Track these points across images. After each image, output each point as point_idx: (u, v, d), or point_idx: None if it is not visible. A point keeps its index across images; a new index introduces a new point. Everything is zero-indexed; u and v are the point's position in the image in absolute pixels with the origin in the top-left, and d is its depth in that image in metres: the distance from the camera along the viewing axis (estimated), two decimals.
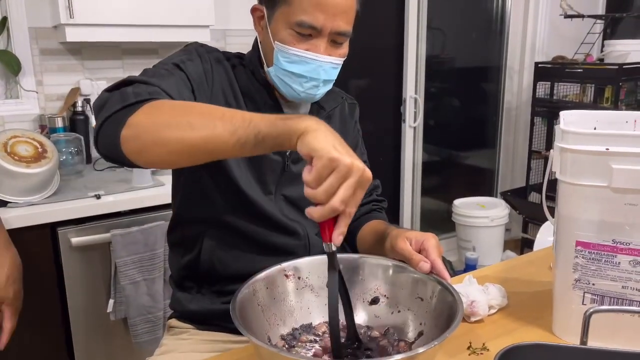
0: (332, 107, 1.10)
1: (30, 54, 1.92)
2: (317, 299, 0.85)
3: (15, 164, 1.47)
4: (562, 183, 0.81)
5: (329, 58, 0.94)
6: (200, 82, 0.93)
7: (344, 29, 0.94)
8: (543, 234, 1.67)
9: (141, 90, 0.77)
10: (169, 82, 0.84)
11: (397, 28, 2.85)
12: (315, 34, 0.92)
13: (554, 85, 2.90)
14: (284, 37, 0.93)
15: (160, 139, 0.70)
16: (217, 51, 1.02)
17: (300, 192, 1.03)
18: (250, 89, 1.01)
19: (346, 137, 1.13)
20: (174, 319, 1.10)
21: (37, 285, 1.54)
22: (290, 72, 0.94)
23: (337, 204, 0.63)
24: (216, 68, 0.98)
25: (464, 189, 3.27)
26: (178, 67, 0.91)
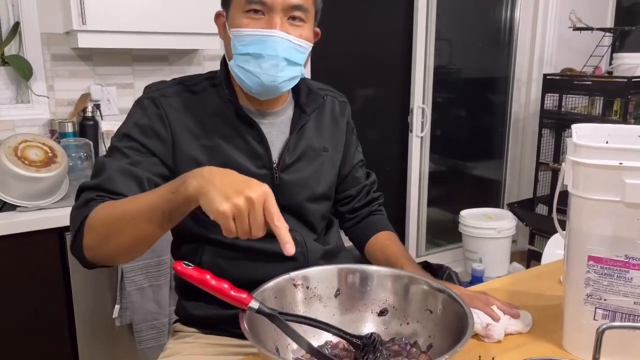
0: (314, 109, 1.08)
1: (41, 59, 1.93)
2: (325, 309, 0.85)
3: (25, 169, 1.48)
4: (573, 197, 0.80)
5: (285, 34, 0.92)
6: (155, 136, 0.94)
7: (297, 1, 0.92)
8: (551, 247, 1.66)
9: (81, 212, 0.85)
10: (115, 181, 0.89)
11: (406, 38, 2.86)
12: (268, 11, 0.91)
13: (563, 97, 2.89)
14: (238, 22, 0.93)
15: (109, 250, 0.83)
16: (175, 84, 1.00)
17: (295, 200, 1.04)
18: (223, 110, 1.00)
19: (339, 137, 1.14)
20: (179, 324, 1.10)
21: (44, 289, 1.54)
22: (246, 54, 0.92)
23: (259, 234, 0.72)
24: (169, 109, 0.96)
25: (470, 200, 3.26)
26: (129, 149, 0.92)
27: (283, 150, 1.03)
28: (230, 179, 0.72)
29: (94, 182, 0.89)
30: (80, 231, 0.84)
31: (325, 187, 1.11)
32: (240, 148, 0.99)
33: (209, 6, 1.91)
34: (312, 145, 1.08)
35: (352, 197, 1.21)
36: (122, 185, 0.88)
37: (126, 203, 0.82)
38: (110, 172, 0.89)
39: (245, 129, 1.00)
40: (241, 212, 0.69)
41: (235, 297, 0.71)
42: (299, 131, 1.05)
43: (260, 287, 0.79)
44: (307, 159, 1.07)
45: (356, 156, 1.21)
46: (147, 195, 0.80)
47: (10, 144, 1.51)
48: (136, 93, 2.12)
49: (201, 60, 2.24)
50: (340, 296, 0.85)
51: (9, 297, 1.50)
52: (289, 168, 1.04)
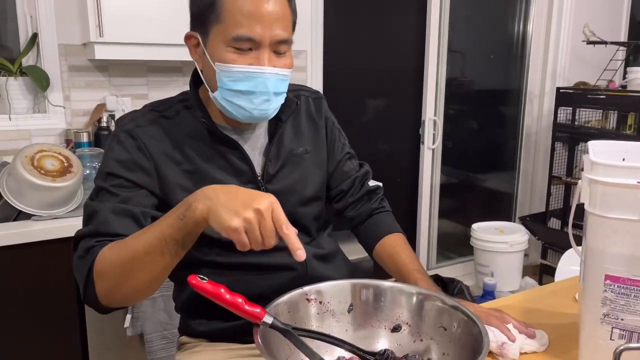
0: (289, 115, 1.06)
1: (59, 70, 1.96)
2: (338, 324, 0.85)
3: (41, 178, 1.49)
4: (590, 215, 0.80)
5: (275, 69, 0.92)
6: (139, 169, 0.93)
7: (283, 36, 0.91)
8: (565, 263, 1.64)
9: (86, 260, 0.84)
10: (110, 223, 0.87)
11: (418, 50, 2.87)
12: (255, 47, 0.90)
13: (576, 111, 2.88)
14: (223, 56, 0.90)
15: (126, 292, 0.83)
16: (148, 112, 0.98)
17: (285, 208, 1.02)
18: (200, 131, 0.98)
19: (319, 135, 1.13)
20: (185, 336, 1.10)
21: (56, 298, 1.55)
22: (236, 90, 0.91)
23: (271, 243, 0.73)
24: (147, 139, 0.94)
25: (481, 213, 3.24)
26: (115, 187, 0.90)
27: (265, 162, 1.03)
28: (236, 194, 0.74)
29: (89, 228, 0.88)
30: (89, 280, 0.83)
31: (314, 189, 1.10)
32: (222, 167, 0.99)
33: None
34: (293, 150, 1.07)
35: (344, 191, 1.18)
36: (118, 225, 0.87)
37: (133, 241, 0.81)
38: (103, 215, 0.88)
39: (224, 148, 0.99)
40: (252, 224, 0.71)
41: (249, 312, 0.71)
42: (278, 139, 1.05)
43: (273, 302, 0.79)
44: (290, 165, 1.06)
45: (342, 150, 1.18)
46: (154, 228, 0.80)
47: (27, 154, 1.53)
48: None
49: None
50: (354, 311, 0.85)
51: (22, 305, 1.51)
52: (274, 178, 1.04)
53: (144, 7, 1.79)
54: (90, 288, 0.84)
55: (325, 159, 1.14)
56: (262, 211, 0.71)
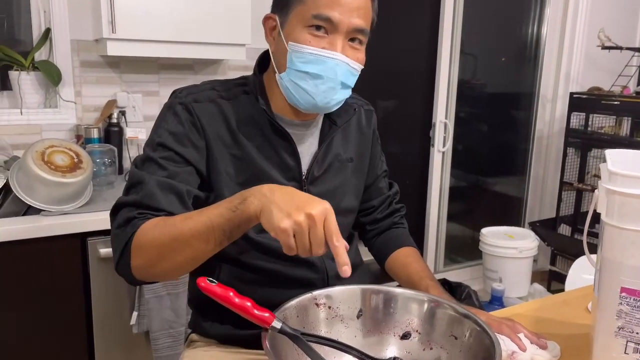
0: (345, 121, 1.06)
1: (71, 65, 1.97)
2: (347, 330, 0.84)
3: (51, 173, 1.49)
4: (607, 226, 0.78)
5: (346, 58, 0.91)
6: (191, 144, 0.92)
7: (361, 25, 0.90)
8: (576, 270, 1.62)
9: (125, 231, 0.84)
10: (155, 197, 0.86)
11: (430, 52, 2.85)
12: (332, 30, 0.89)
13: (589, 117, 2.84)
14: (298, 36, 0.90)
15: (162, 269, 0.83)
16: (207, 90, 0.97)
17: None
18: (256, 118, 0.97)
19: (365, 146, 1.12)
20: (196, 334, 1.09)
21: (64, 293, 1.56)
22: (305, 72, 0.90)
23: (318, 251, 0.71)
24: (203, 116, 0.93)
25: (490, 217, 3.22)
26: (165, 159, 0.89)
27: (312, 162, 1.02)
28: (291, 196, 0.73)
29: (133, 198, 0.86)
30: (126, 251, 0.83)
31: (351, 199, 1.09)
32: (270, 159, 0.98)
33: (235, 18, 1.94)
34: (340, 156, 1.06)
35: (375, 207, 1.19)
36: (163, 200, 0.86)
37: (179, 222, 0.80)
38: (149, 188, 0.86)
39: (277, 139, 0.98)
40: (302, 229, 0.69)
41: (258, 316, 0.70)
42: (328, 142, 1.04)
43: (282, 306, 0.78)
44: (334, 171, 1.05)
45: (380, 166, 1.19)
46: (203, 214, 0.79)
47: (38, 149, 1.53)
48: (162, 100, 2.14)
49: (226, 69, 2.26)
50: (363, 317, 0.84)
51: (29, 300, 1.51)
52: (317, 180, 1.02)
53: (157, 4, 1.79)
54: (125, 259, 0.83)
55: (365, 172, 1.13)
56: (315, 217, 0.69)
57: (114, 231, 0.87)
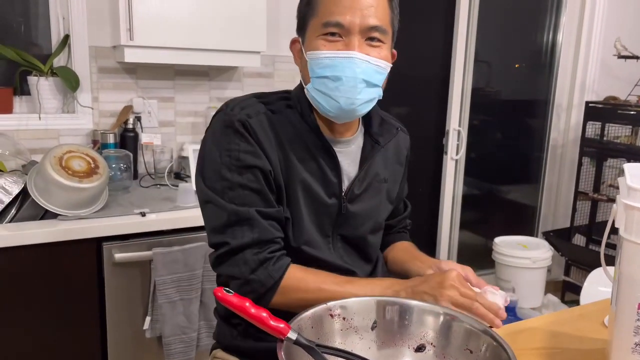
0: (389, 139, 1.06)
1: (88, 71, 2.00)
2: (361, 341, 0.83)
3: (69, 179, 1.51)
4: (625, 241, 0.77)
5: (365, 55, 0.90)
6: (262, 156, 0.92)
7: (374, 22, 0.90)
8: (591, 283, 1.60)
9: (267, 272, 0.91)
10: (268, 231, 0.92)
11: (444, 59, 2.84)
12: (345, 33, 0.89)
13: (605, 126, 2.82)
14: (314, 45, 0.91)
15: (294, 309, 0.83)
16: (256, 103, 0.96)
17: (359, 231, 1.04)
18: (300, 132, 0.97)
19: (398, 170, 1.14)
20: (220, 350, 1.09)
21: (78, 297, 1.57)
22: (324, 77, 0.91)
23: None
24: (256, 126, 0.93)
25: (503, 225, 3.19)
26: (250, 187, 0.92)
27: (354, 181, 1.02)
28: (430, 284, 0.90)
29: (251, 238, 0.90)
30: (270, 293, 0.90)
31: (383, 218, 1.11)
32: (313, 173, 0.97)
33: (250, 25, 1.96)
34: (378, 175, 1.06)
35: (391, 226, 1.21)
36: (274, 231, 0.92)
37: (332, 287, 0.91)
38: (260, 223, 0.91)
39: (321, 154, 0.98)
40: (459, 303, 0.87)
41: (273, 327, 0.71)
42: (370, 161, 1.04)
43: (297, 316, 0.78)
44: (372, 190, 1.05)
45: (405, 189, 1.22)
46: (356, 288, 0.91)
47: (56, 154, 1.55)
48: (177, 106, 2.17)
49: (241, 76, 2.27)
50: (377, 329, 0.84)
51: (44, 303, 1.53)
52: (356, 199, 1.02)
53: (174, 12, 1.81)
54: (267, 298, 0.90)
55: (394, 193, 1.14)
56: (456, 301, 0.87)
57: (248, 276, 0.90)
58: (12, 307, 1.49)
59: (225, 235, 0.91)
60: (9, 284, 1.48)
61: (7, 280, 1.47)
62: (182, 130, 2.20)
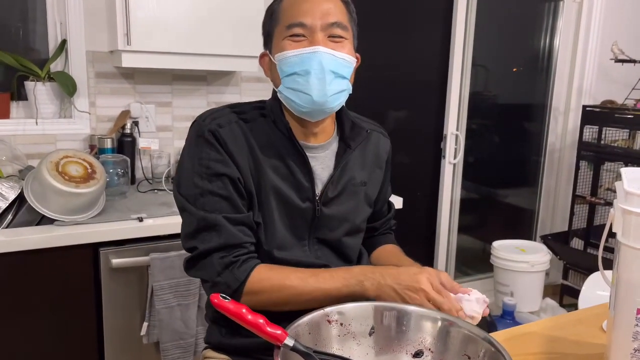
0: (359, 143, 1.08)
1: (86, 76, 1.99)
2: (359, 347, 0.83)
3: (65, 184, 1.51)
4: (623, 246, 0.77)
5: (329, 49, 0.94)
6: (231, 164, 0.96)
7: (335, 18, 0.95)
8: (589, 287, 1.60)
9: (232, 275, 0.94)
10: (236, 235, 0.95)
11: (442, 63, 2.85)
12: (309, 33, 0.94)
13: (602, 130, 2.82)
14: (281, 47, 0.96)
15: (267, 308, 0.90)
16: (229, 113, 1.00)
17: (334, 234, 1.05)
18: (273, 140, 1.00)
19: (378, 173, 1.16)
20: (210, 350, 1.10)
21: (75, 303, 1.57)
22: (294, 73, 0.94)
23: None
24: (227, 136, 0.96)
25: (501, 229, 3.19)
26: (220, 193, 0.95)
27: (327, 184, 1.04)
28: (402, 273, 0.93)
29: (218, 243, 0.93)
30: (237, 294, 0.93)
31: (361, 220, 1.12)
32: (285, 178, 1.00)
33: (248, 30, 1.96)
34: (354, 179, 1.08)
35: (376, 228, 1.24)
36: (242, 236, 0.95)
37: (295, 282, 0.93)
38: (226, 229, 0.94)
39: (293, 160, 1.00)
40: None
41: (270, 334, 0.70)
42: (344, 165, 1.06)
43: (294, 322, 0.77)
44: (348, 193, 1.07)
45: (388, 192, 1.24)
46: (319, 281, 0.93)
47: (53, 159, 1.55)
48: (174, 111, 2.16)
49: (238, 81, 2.27)
50: (375, 335, 0.84)
51: (41, 309, 1.52)
52: (330, 202, 1.04)
53: (172, 17, 1.81)
54: (236, 297, 0.93)
55: (374, 196, 1.16)
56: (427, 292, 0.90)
57: (215, 279, 0.94)
58: (8, 312, 1.48)
59: (195, 240, 0.95)
60: (6, 290, 1.47)
61: (4, 286, 1.47)
62: (179, 135, 2.20)
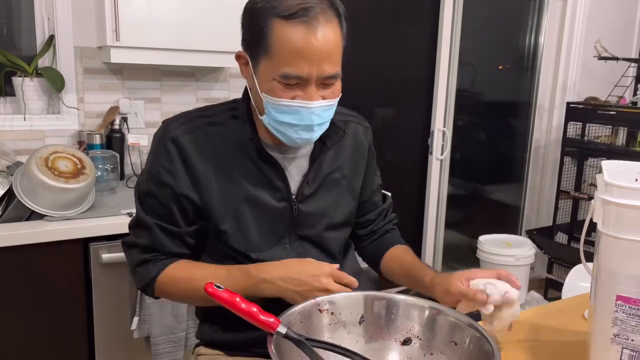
0: (335, 142, 1.07)
1: (74, 72, 1.99)
2: (349, 335, 0.85)
3: (55, 179, 1.51)
4: (603, 235, 0.80)
5: (320, 102, 0.91)
6: (180, 176, 0.98)
7: (331, 72, 0.90)
8: (572, 278, 1.64)
9: (146, 270, 1.01)
10: (163, 244, 1.00)
11: (429, 61, 2.88)
12: (303, 82, 0.89)
13: (586, 126, 2.88)
14: (270, 88, 0.91)
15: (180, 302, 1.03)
16: (197, 118, 1.00)
17: (314, 230, 1.07)
18: (243, 142, 1.00)
19: (359, 163, 1.15)
20: (202, 347, 1.11)
21: (66, 298, 1.57)
22: (282, 122, 0.93)
23: None
24: (189, 144, 0.97)
25: (487, 225, 3.24)
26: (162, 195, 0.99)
27: (302, 183, 1.04)
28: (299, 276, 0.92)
29: (143, 243, 1.00)
30: (149, 289, 1.01)
31: (344, 214, 1.12)
32: (259, 181, 1.00)
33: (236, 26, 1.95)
34: (332, 174, 1.08)
35: (372, 220, 1.22)
36: (169, 246, 1.00)
37: (199, 278, 0.94)
38: (156, 235, 0.99)
39: (264, 164, 1.00)
40: None
41: (263, 321, 0.72)
42: (319, 162, 1.06)
43: (286, 311, 0.79)
44: (325, 189, 1.07)
45: (375, 181, 1.22)
46: (221, 279, 0.93)
47: (42, 155, 1.54)
48: (163, 107, 2.16)
49: (227, 77, 2.28)
50: (365, 323, 0.86)
51: (31, 304, 1.53)
52: (307, 199, 1.04)
53: (160, 12, 1.81)
54: (149, 291, 1.02)
55: (359, 188, 1.15)
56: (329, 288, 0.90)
57: (132, 268, 1.03)
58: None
59: (132, 230, 1.03)
60: None
61: None
62: None
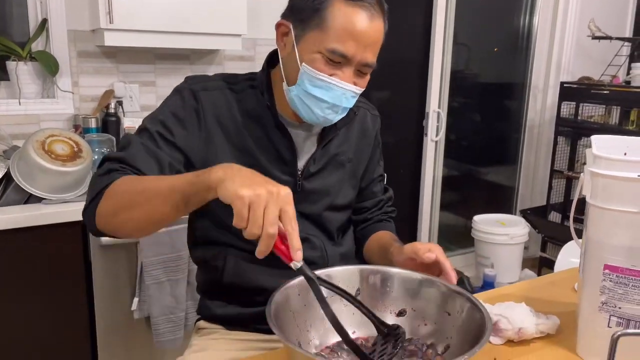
0: (345, 123, 1.08)
1: (68, 55, 1.98)
2: (345, 308, 0.87)
3: (52, 162, 1.52)
4: (592, 207, 0.82)
5: (353, 87, 0.95)
6: (187, 129, 0.97)
7: (371, 60, 0.95)
8: (564, 255, 1.67)
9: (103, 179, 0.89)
10: (138, 158, 0.92)
11: (423, 42, 2.88)
12: (345, 62, 0.93)
13: (579, 106, 2.89)
14: (312, 60, 0.92)
15: (120, 221, 0.86)
16: (218, 80, 1.02)
17: (315, 208, 1.07)
18: (259, 112, 1.01)
19: (365, 149, 1.17)
20: (203, 321, 1.13)
21: (65, 280, 1.59)
22: (313, 95, 0.94)
23: (269, 229, 0.69)
24: (208, 105, 0.98)
25: (482, 205, 3.27)
26: (158, 134, 0.95)
27: (309, 160, 1.06)
28: (256, 176, 0.75)
29: (119, 154, 0.93)
30: (98, 197, 0.88)
31: (347, 197, 1.14)
32: (268, 152, 1.02)
33: (231, 8, 1.96)
34: (338, 155, 1.10)
35: (367, 209, 1.23)
36: (143, 163, 0.92)
37: (149, 180, 0.87)
38: (135, 149, 0.93)
39: (276, 134, 1.02)
40: (260, 200, 0.68)
41: (283, 251, 0.73)
42: (327, 142, 1.08)
43: (284, 285, 0.81)
44: (330, 169, 1.09)
45: (377, 170, 1.23)
46: (170, 177, 0.85)
47: (38, 138, 1.55)
48: (158, 90, 2.17)
49: (222, 60, 2.28)
50: (361, 296, 0.88)
51: (31, 287, 1.54)
52: (312, 176, 1.06)
53: None
54: (93, 205, 0.88)
55: (361, 173, 1.18)
56: (274, 193, 0.70)
57: (93, 178, 0.93)
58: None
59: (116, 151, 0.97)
60: None
61: None
62: None
